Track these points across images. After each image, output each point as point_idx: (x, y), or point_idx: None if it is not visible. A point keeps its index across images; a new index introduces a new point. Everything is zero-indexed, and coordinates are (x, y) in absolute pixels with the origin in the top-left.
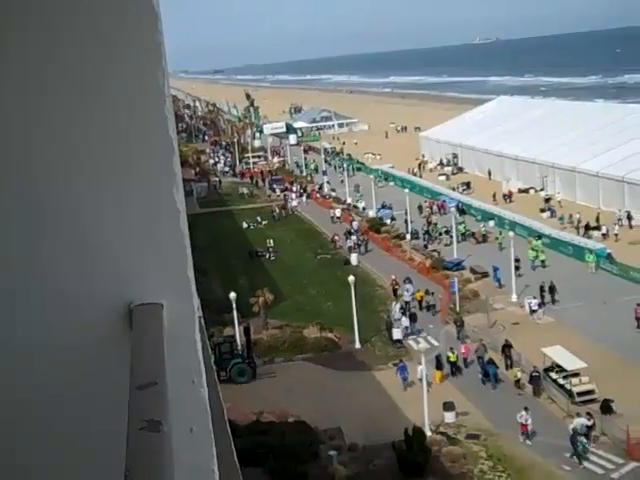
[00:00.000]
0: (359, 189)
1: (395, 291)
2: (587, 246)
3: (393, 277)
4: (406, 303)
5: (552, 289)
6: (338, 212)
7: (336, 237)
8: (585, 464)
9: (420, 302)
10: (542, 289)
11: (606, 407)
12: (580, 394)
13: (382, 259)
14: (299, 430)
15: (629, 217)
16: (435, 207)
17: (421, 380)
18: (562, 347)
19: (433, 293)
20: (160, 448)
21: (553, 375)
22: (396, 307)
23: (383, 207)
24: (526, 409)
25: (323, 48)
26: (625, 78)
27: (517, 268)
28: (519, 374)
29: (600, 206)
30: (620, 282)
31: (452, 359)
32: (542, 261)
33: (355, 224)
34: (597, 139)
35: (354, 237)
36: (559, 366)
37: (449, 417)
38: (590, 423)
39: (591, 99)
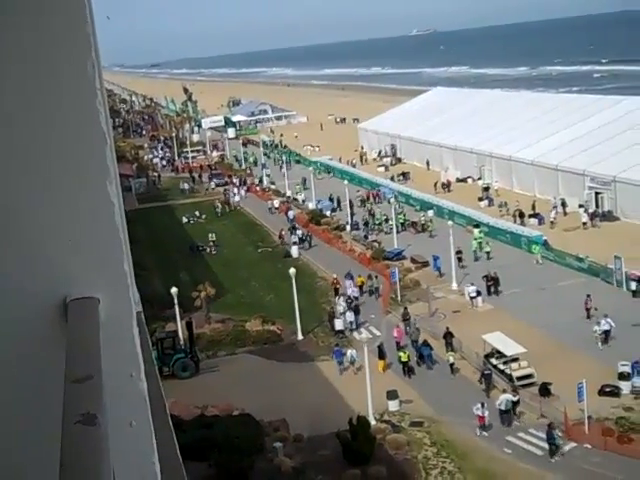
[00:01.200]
0: (305, 182)
1: (337, 290)
2: (524, 234)
3: (334, 276)
4: (349, 298)
5: (495, 280)
6: (276, 203)
7: (283, 232)
8: (525, 446)
9: (361, 287)
10: (487, 279)
11: (544, 390)
12: (519, 378)
13: (323, 251)
14: (244, 423)
15: (563, 204)
16: (371, 197)
17: (353, 365)
18: (502, 333)
19: (377, 276)
20: (96, 441)
21: (493, 361)
22: (340, 301)
23: (330, 200)
24: (482, 404)
25: (260, 41)
26: (551, 69)
27: (459, 260)
28: (452, 358)
29: (536, 194)
30: (556, 268)
31: (404, 359)
32: (487, 253)
33: (291, 213)
34: (532, 128)
35: (299, 232)
36: (499, 352)
37: (393, 405)
38: (515, 399)
39: (520, 90)
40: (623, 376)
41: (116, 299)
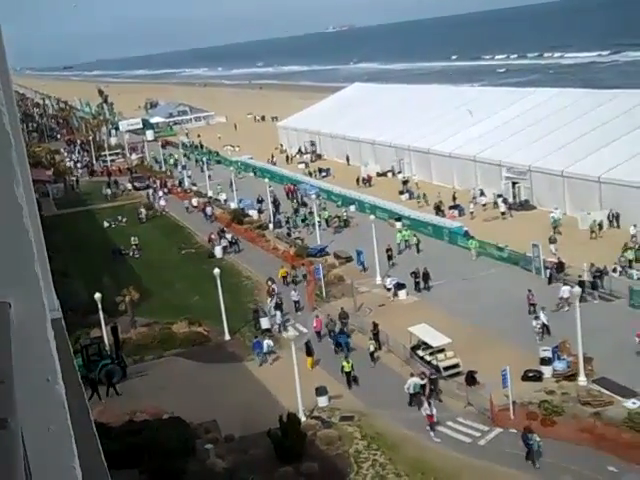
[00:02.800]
0: (232, 183)
1: (273, 296)
2: (445, 225)
3: (270, 283)
4: (280, 300)
5: (425, 275)
6: (194, 202)
7: (212, 236)
8: (454, 435)
9: (285, 278)
10: (416, 275)
11: (470, 378)
12: (446, 369)
13: (247, 250)
14: (174, 426)
15: (482, 195)
16: (290, 194)
17: (270, 356)
18: (427, 325)
19: (303, 264)
20: (6, 445)
21: (420, 352)
22: (271, 304)
23: (259, 201)
24: (429, 403)
25: (177, 41)
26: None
27: (389, 257)
28: (372, 347)
29: (455, 185)
30: (478, 258)
31: (347, 369)
32: (416, 245)
33: (208, 209)
34: (449, 121)
35: (229, 236)
36: (425, 343)
37: (322, 401)
38: (424, 382)
39: (435, 83)
40: (545, 361)
41: (28, 303)
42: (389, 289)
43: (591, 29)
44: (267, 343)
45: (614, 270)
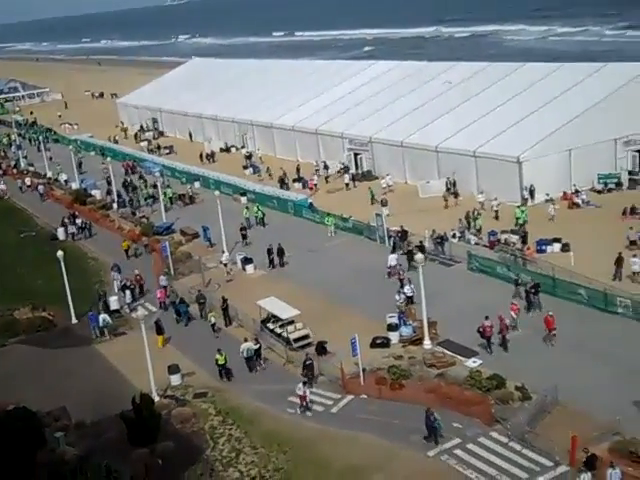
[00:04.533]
0: (81, 165)
1: (142, 286)
2: (290, 198)
3: (137, 272)
4: (123, 285)
5: (280, 251)
6: (28, 181)
7: (66, 220)
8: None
9: (127, 251)
10: (270, 252)
11: (321, 348)
12: (296, 340)
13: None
14: (20, 417)
15: (326, 167)
16: (129, 170)
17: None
18: (275, 298)
19: (145, 237)
20: None
21: (270, 325)
22: (114, 285)
23: (109, 183)
24: (304, 383)
25: (6, 13)
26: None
27: (244, 237)
28: (213, 319)
29: (298, 158)
30: (321, 229)
31: (220, 361)
32: (261, 219)
33: (41, 188)
34: (290, 95)
35: (79, 221)
36: (275, 316)
37: (175, 379)
38: (257, 347)
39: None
40: (391, 327)
41: None
42: (225, 264)
43: (416, 6)
44: (103, 317)
45: (453, 236)
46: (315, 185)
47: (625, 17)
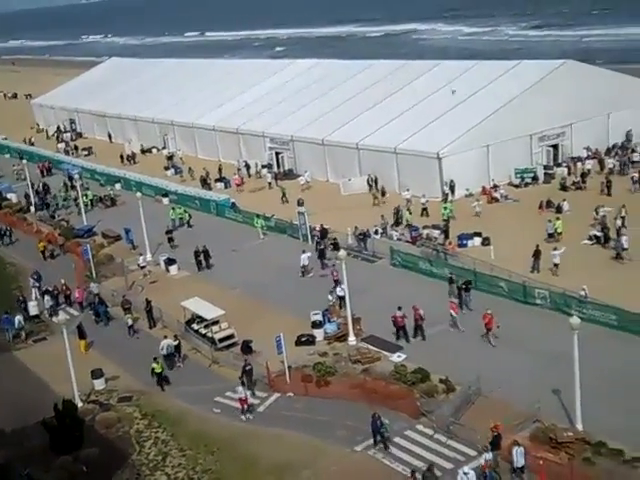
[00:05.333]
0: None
1: (67, 297)
2: (212, 198)
3: (63, 281)
4: (45, 290)
5: (205, 253)
6: None
7: None
8: (233, 404)
9: (43, 252)
10: (197, 254)
11: (246, 348)
12: (221, 340)
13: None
14: None
15: (247, 166)
16: (45, 171)
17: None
18: (199, 298)
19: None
20: None
21: (195, 326)
22: (33, 292)
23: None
24: (243, 384)
25: None
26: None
27: (170, 240)
28: (130, 321)
29: (220, 158)
30: (246, 229)
31: (157, 370)
32: (187, 221)
33: None
34: (211, 94)
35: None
36: (199, 316)
37: (99, 384)
38: (176, 343)
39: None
40: (316, 324)
41: None
42: (143, 267)
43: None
44: (18, 318)
45: (376, 232)
46: (242, 180)
47: (537, 16)
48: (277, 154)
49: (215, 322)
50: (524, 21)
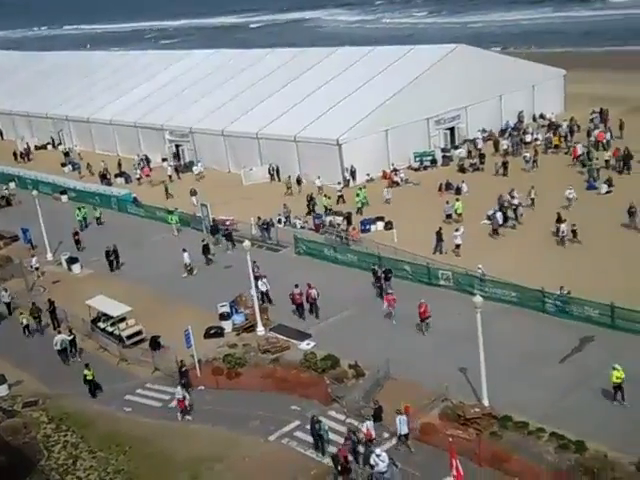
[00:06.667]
0: None
1: None
2: (113, 194)
3: None
4: None
5: (115, 252)
6: None
7: None
8: (144, 401)
9: None
10: (108, 254)
11: (155, 343)
12: (129, 337)
13: None
14: None
15: (147, 160)
16: None
17: None
18: (104, 296)
19: None
20: None
21: (101, 324)
22: None
23: None
24: (183, 385)
25: None
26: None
27: (77, 242)
28: (25, 321)
29: (119, 153)
30: (148, 223)
31: (89, 377)
32: (97, 219)
33: None
34: (107, 87)
35: None
36: (105, 314)
37: (1, 390)
38: (71, 338)
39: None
40: (224, 316)
41: None
42: (36, 268)
43: None
44: None
45: (279, 221)
46: (139, 179)
47: (420, 4)
48: (177, 147)
49: (122, 319)
50: (407, 8)
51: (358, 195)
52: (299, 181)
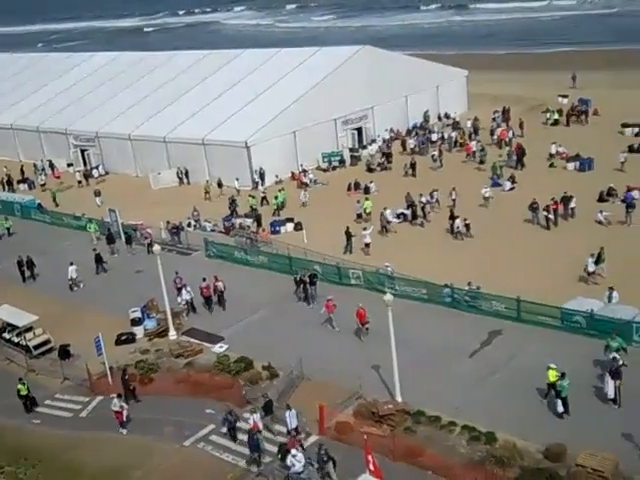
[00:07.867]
0: None
1: None
2: (17, 200)
3: None
4: None
5: (29, 263)
6: None
7: None
8: (54, 412)
9: None
10: (20, 264)
11: (64, 352)
12: (37, 347)
13: None
14: None
15: (52, 166)
16: None
17: None
18: (9, 305)
19: None
20: None
21: (6, 335)
22: None
23: None
24: (119, 396)
25: None
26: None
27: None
28: None
29: (21, 158)
30: (57, 230)
31: (23, 392)
32: (8, 229)
33: None
34: (7, 90)
35: None
36: (11, 324)
37: None
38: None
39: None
40: (135, 322)
41: None
42: None
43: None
44: None
45: (189, 225)
46: (42, 185)
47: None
48: (83, 151)
49: (28, 329)
50: (306, 12)
51: (277, 197)
52: (220, 184)
